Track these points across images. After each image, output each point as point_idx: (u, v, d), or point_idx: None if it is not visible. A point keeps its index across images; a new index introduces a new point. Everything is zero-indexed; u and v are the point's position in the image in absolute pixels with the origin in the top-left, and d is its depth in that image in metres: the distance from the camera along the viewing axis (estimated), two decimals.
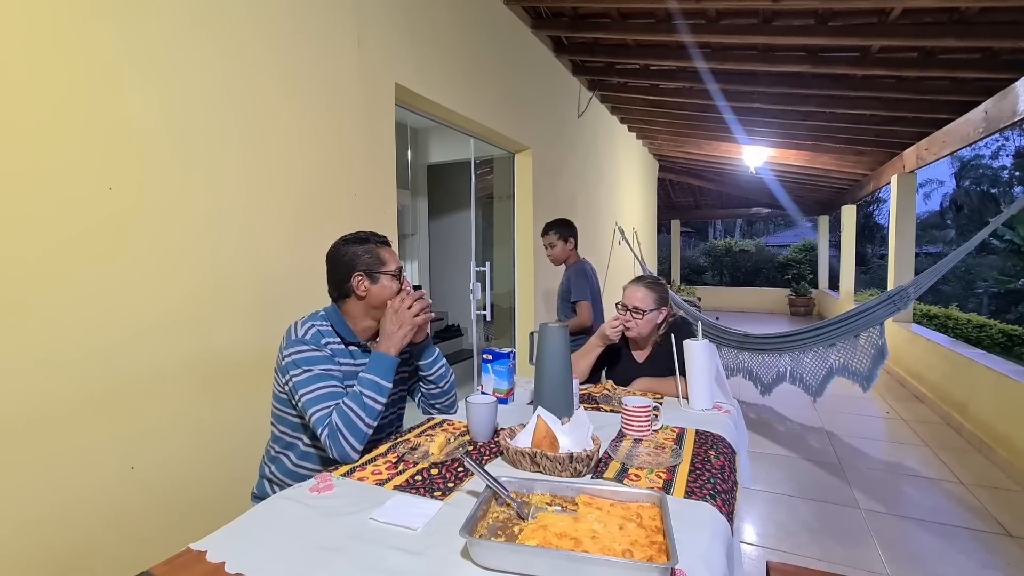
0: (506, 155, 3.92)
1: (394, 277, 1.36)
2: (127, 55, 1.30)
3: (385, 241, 1.39)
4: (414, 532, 0.87)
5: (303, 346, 1.24)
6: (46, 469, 1.16)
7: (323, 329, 1.30)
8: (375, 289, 1.33)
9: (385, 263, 1.34)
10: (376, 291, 1.33)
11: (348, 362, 1.32)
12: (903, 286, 3.38)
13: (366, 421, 1.19)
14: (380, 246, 1.36)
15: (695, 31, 3.37)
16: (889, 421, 4.17)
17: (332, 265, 1.35)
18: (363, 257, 1.33)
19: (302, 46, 1.82)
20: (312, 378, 1.21)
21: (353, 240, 1.35)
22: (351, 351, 1.34)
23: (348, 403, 1.19)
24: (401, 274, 1.39)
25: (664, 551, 0.75)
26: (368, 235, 1.37)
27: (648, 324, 1.85)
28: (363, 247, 1.34)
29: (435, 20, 2.56)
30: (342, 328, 1.33)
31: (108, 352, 1.27)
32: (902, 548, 2.31)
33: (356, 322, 1.36)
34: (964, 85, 3.68)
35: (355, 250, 1.33)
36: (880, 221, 18.07)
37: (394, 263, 1.37)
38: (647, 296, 1.83)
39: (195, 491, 1.47)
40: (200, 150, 1.48)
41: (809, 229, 14.57)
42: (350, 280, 1.31)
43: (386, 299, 1.34)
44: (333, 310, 1.36)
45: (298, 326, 1.29)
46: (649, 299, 1.83)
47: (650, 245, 8.59)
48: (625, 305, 1.86)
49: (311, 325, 1.29)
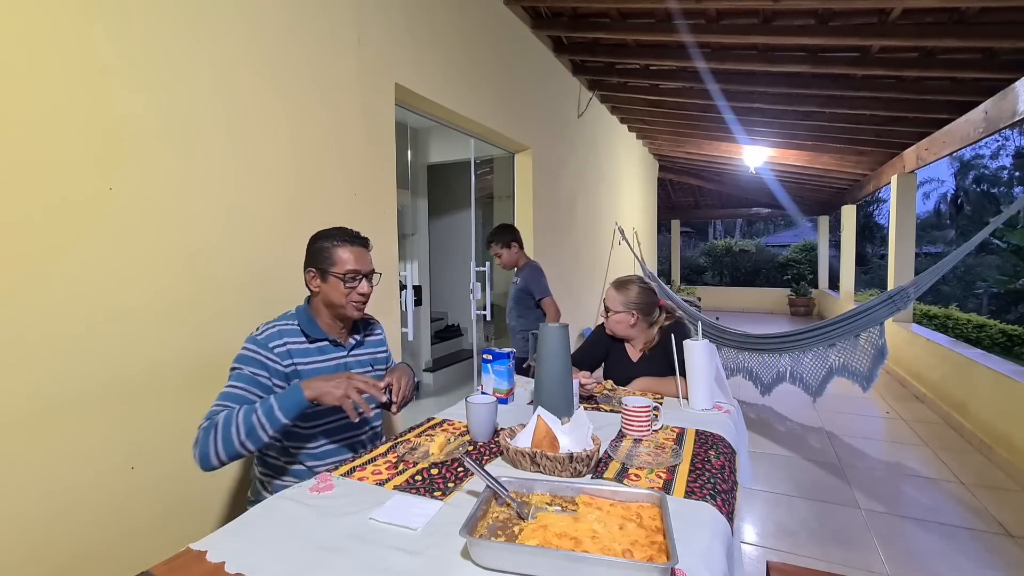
0: (506, 155, 3.92)
1: (344, 279, 1.30)
2: (126, 55, 1.30)
3: (352, 240, 1.35)
4: (414, 532, 0.87)
5: (251, 344, 1.27)
6: (46, 469, 1.16)
7: (286, 329, 1.31)
8: (324, 288, 1.33)
9: (336, 263, 1.31)
10: (326, 289, 1.33)
11: (316, 359, 1.33)
12: (903, 286, 3.38)
13: (243, 442, 1.11)
14: (340, 245, 1.32)
15: (695, 31, 3.37)
16: (889, 421, 4.17)
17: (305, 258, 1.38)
18: (316, 255, 1.34)
19: (302, 46, 1.82)
20: (236, 376, 1.23)
21: (320, 235, 1.36)
22: (320, 347, 1.35)
23: (240, 416, 1.13)
24: (358, 278, 1.33)
25: (664, 551, 0.75)
26: (336, 232, 1.35)
27: (620, 325, 1.90)
28: (323, 244, 1.34)
29: (435, 20, 2.56)
30: (308, 325, 1.34)
31: (108, 352, 1.27)
32: (902, 548, 2.31)
33: (321, 317, 1.37)
34: (964, 85, 3.68)
35: (317, 246, 1.34)
36: (880, 221, 18.07)
37: (352, 264, 1.32)
38: (615, 298, 1.90)
39: (195, 491, 1.47)
40: (199, 150, 1.48)
41: (809, 229, 14.57)
42: (304, 274, 1.35)
43: (332, 300, 1.33)
44: (304, 307, 1.38)
45: (262, 326, 1.32)
46: (616, 300, 1.90)
47: (650, 245, 8.59)
48: (606, 307, 1.95)
49: (273, 325, 1.31)
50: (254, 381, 1.23)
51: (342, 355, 1.40)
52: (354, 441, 1.40)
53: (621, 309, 1.89)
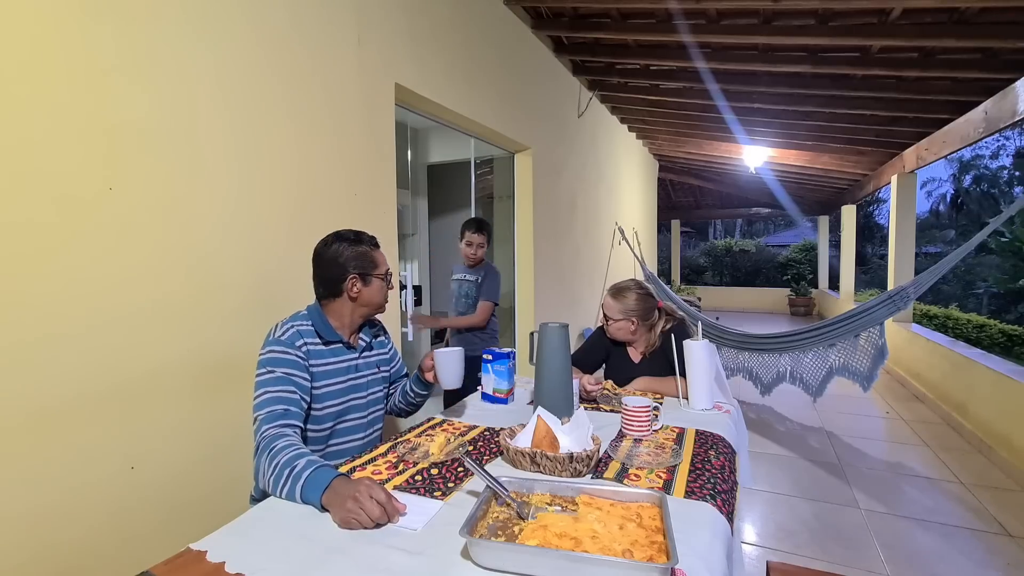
0: (506, 155, 3.92)
1: (384, 279, 1.39)
2: (127, 56, 1.30)
3: (375, 242, 1.40)
4: (414, 532, 0.87)
5: (276, 346, 1.25)
6: (46, 469, 1.16)
7: (303, 329, 1.30)
8: (367, 291, 1.35)
9: (378, 266, 1.37)
10: (367, 293, 1.35)
11: (330, 361, 1.33)
12: (903, 286, 3.39)
13: (267, 477, 1.04)
14: (373, 248, 1.38)
15: (695, 31, 3.37)
16: (889, 421, 4.17)
17: (323, 263, 1.35)
18: (358, 259, 1.33)
19: (302, 46, 1.82)
20: (269, 380, 1.21)
21: (344, 239, 1.35)
22: (333, 349, 1.35)
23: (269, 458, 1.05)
24: (389, 277, 1.41)
25: (664, 551, 0.75)
26: (358, 235, 1.37)
27: (621, 332, 1.90)
28: (357, 248, 1.34)
29: (435, 20, 2.56)
30: (323, 327, 1.33)
31: (108, 352, 1.27)
32: (902, 548, 2.31)
33: (341, 320, 1.37)
34: (964, 85, 3.68)
35: (350, 251, 1.33)
36: (880, 221, 18.07)
37: (384, 265, 1.39)
38: (613, 307, 1.89)
39: (195, 491, 1.47)
40: (199, 150, 1.48)
41: (809, 229, 14.56)
42: (344, 281, 1.33)
43: (376, 301, 1.38)
44: (315, 308, 1.36)
45: (279, 326, 1.30)
46: (614, 309, 1.89)
47: (650, 245, 8.59)
48: (605, 315, 1.93)
49: (291, 326, 1.30)
50: (288, 380, 1.21)
51: (354, 357, 1.39)
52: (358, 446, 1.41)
53: (620, 317, 1.88)
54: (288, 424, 1.15)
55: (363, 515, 0.87)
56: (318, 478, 0.96)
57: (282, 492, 0.99)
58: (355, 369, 1.39)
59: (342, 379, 1.35)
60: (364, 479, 0.94)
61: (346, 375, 1.36)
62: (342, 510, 0.89)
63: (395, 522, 0.90)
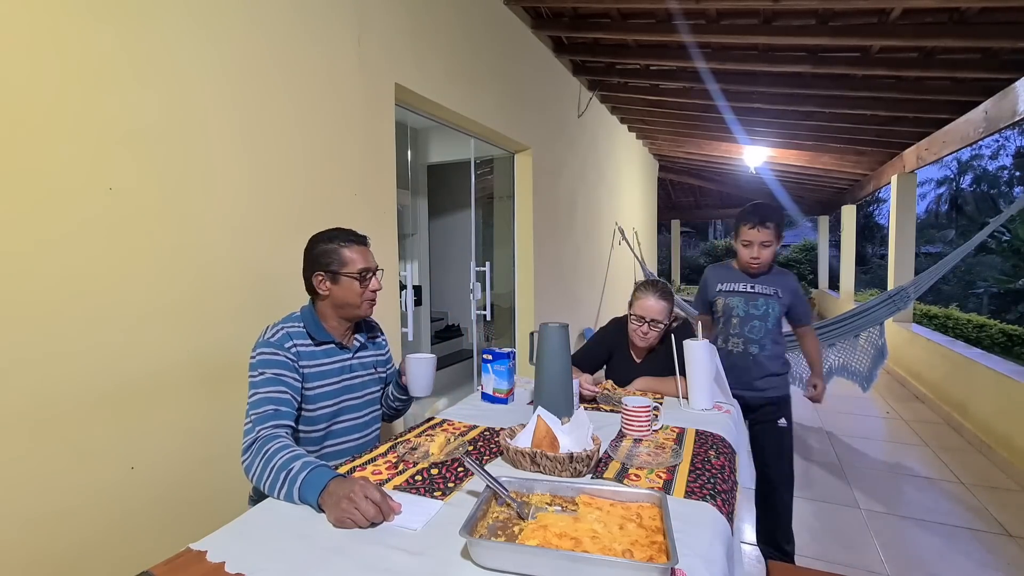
0: (506, 155, 3.91)
1: (357, 278, 1.32)
2: (127, 54, 1.30)
3: (356, 240, 1.35)
4: (414, 532, 0.87)
5: (265, 348, 1.25)
6: (46, 469, 1.16)
7: (293, 331, 1.30)
8: (336, 289, 1.32)
9: (346, 263, 1.31)
10: (338, 292, 1.32)
11: (323, 362, 1.32)
12: (903, 286, 3.39)
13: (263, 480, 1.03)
14: (346, 245, 1.33)
15: (695, 31, 3.37)
16: (889, 421, 4.17)
17: (304, 262, 1.36)
18: (324, 256, 1.32)
19: (302, 45, 1.82)
20: (260, 381, 1.21)
21: (321, 237, 1.34)
22: (326, 350, 1.34)
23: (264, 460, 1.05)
24: (369, 276, 1.34)
25: (664, 551, 0.75)
26: (336, 233, 1.35)
27: (660, 335, 1.83)
28: (326, 246, 1.32)
29: (435, 20, 2.56)
30: (314, 328, 1.33)
31: (108, 351, 1.27)
32: (902, 548, 2.31)
33: (327, 320, 1.36)
34: (964, 85, 3.68)
35: (318, 248, 1.33)
36: (880, 221, 18.07)
37: (361, 263, 1.33)
38: (664, 309, 1.78)
39: (195, 491, 1.47)
40: (199, 150, 1.48)
41: (809, 229, 14.57)
42: (311, 279, 1.32)
43: (349, 300, 1.33)
44: (308, 309, 1.36)
45: (269, 329, 1.30)
46: (666, 312, 1.79)
47: (650, 245, 8.59)
48: (642, 316, 1.79)
49: (281, 327, 1.30)
50: (278, 381, 1.21)
51: (347, 357, 1.39)
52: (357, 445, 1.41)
53: (666, 321, 1.78)
54: (280, 425, 1.16)
55: (358, 514, 0.87)
56: (314, 479, 0.96)
57: (279, 495, 0.99)
58: (349, 369, 1.39)
59: (335, 380, 1.35)
60: (359, 479, 0.94)
61: (340, 376, 1.36)
62: (337, 510, 0.89)
63: (390, 521, 0.90)
